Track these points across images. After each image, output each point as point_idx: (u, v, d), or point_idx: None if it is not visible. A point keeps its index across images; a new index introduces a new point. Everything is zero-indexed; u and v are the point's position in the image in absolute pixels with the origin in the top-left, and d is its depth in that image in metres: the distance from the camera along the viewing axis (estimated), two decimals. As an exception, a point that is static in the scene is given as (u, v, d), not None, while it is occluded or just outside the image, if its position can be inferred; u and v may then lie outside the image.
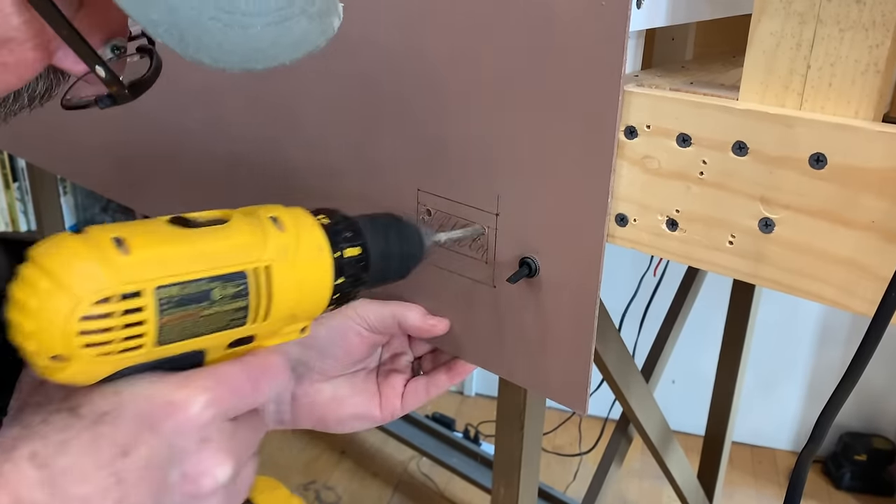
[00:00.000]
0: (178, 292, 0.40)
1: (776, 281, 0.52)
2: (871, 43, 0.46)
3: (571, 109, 0.53)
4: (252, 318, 0.43)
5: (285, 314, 0.45)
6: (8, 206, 2.22)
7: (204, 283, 0.40)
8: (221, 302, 0.41)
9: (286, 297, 0.44)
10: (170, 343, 0.40)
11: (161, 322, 0.39)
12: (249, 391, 0.44)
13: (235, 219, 0.44)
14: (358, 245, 0.49)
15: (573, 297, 0.57)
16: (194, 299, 0.40)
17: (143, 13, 0.35)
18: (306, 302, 0.46)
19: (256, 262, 0.43)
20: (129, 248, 0.39)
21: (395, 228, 0.52)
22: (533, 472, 0.90)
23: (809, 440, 0.49)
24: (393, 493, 1.94)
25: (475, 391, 2.34)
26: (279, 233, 0.44)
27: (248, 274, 0.42)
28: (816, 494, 1.95)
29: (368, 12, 0.62)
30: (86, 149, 0.99)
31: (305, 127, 0.71)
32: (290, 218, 0.46)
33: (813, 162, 0.48)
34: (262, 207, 0.46)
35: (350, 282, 0.48)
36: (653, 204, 0.55)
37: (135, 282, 0.38)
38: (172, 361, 0.42)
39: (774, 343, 1.97)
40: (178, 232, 0.41)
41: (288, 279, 0.44)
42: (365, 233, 0.50)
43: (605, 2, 0.49)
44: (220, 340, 0.43)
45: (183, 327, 0.40)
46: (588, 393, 0.59)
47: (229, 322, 0.42)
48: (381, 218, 0.52)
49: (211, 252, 0.41)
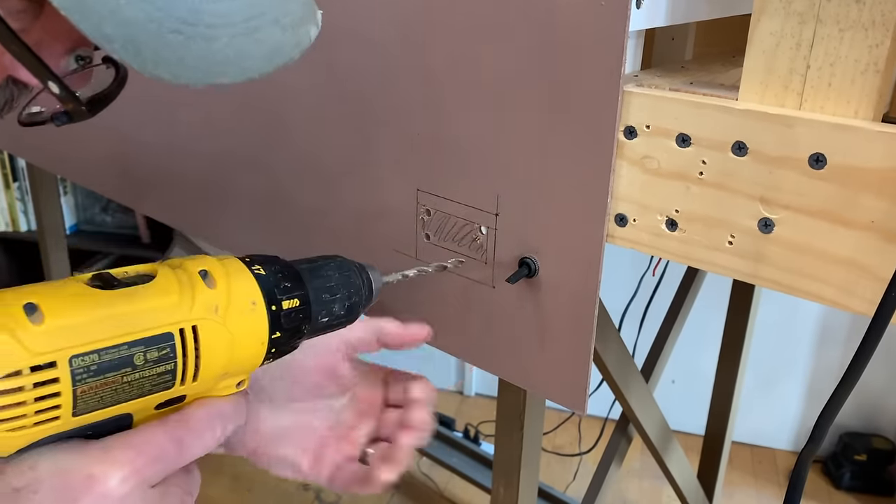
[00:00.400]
0: (95, 360, 0.37)
1: (776, 281, 0.52)
2: (871, 43, 0.46)
3: (571, 109, 0.53)
4: (179, 379, 0.41)
5: (216, 373, 0.43)
6: (8, 206, 2.22)
7: (124, 348, 0.38)
8: (144, 367, 0.39)
9: (216, 355, 0.42)
10: (90, 412, 0.38)
11: (77, 392, 0.37)
12: (174, 453, 0.41)
13: (161, 275, 0.42)
14: (296, 296, 0.46)
15: (573, 297, 0.57)
16: (114, 366, 0.38)
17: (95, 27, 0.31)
18: (239, 359, 0.44)
19: (182, 323, 0.40)
20: (41, 315, 0.36)
21: (340, 273, 0.49)
22: (533, 471, 0.90)
23: (809, 440, 0.49)
24: (393, 493, 1.94)
25: (475, 391, 2.34)
26: (208, 289, 0.42)
27: (171, 337, 0.40)
28: (816, 494, 1.95)
29: (365, 10, 0.62)
30: (86, 149, 0.99)
31: (304, 128, 0.71)
32: (221, 271, 0.43)
33: (812, 162, 0.48)
34: (191, 260, 0.43)
35: (288, 334, 0.46)
36: (652, 204, 0.55)
37: (47, 353, 0.36)
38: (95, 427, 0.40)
39: (774, 343, 1.97)
40: (97, 294, 0.39)
41: (218, 338, 0.42)
42: (306, 282, 0.47)
43: (605, 2, 0.49)
44: (147, 403, 0.41)
45: (102, 396, 0.38)
46: (587, 393, 0.59)
47: (155, 386, 0.40)
48: (326, 264, 0.49)
49: (132, 314, 0.39)
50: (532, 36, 0.53)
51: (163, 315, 0.40)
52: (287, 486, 1.95)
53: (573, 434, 1.92)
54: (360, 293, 0.50)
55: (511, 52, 0.55)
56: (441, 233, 0.64)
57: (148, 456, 0.40)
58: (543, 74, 0.54)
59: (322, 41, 0.42)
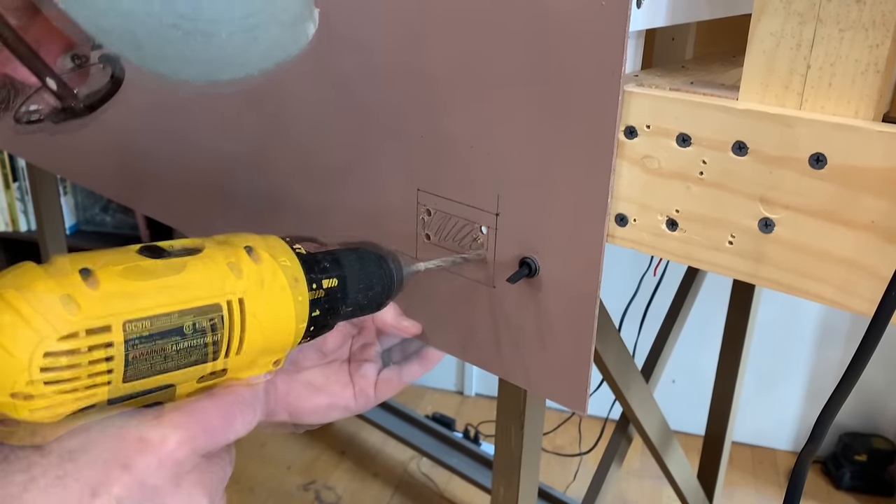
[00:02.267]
0: (147, 327, 0.38)
1: (776, 281, 0.52)
2: (871, 43, 0.46)
3: (571, 109, 0.53)
4: (224, 351, 0.42)
5: (258, 347, 0.44)
6: (8, 206, 2.22)
7: (175, 316, 0.39)
8: (194, 336, 0.40)
9: (260, 329, 0.43)
10: (138, 379, 0.39)
11: (129, 358, 0.38)
12: (222, 428, 0.42)
13: (209, 248, 0.42)
14: (335, 276, 0.47)
15: (573, 297, 0.57)
16: (164, 334, 0.39)
17: (93, 21, 0.32)
18: (281, 334, 0.45)
19: (230, 295, 0.41)
20: (96, 280, 0.37)
21: (374, 259, 0.51)
22: (533, 472, 0.90)
23: (809, 440, 0.49)
24: (393, 493, 1.94)
25: (475, 391, 2.34)
26: (253, 264, 0.43)
27: (220, 308, 0.41)
28: (816, 494, 1.95)
29: (365, 10, 0.62)
30: (86, 149, 0.99)
31: (304, 128, 0.71)
32: (265, 248, 0.44)
33: (813, 162, 0.48)
34: (236, 236, 0.44)
35: (325, 314, 0.47)
36: (653, 204, 0.55)
37: (102, 316, 0.36)
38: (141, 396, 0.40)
39: (774, 343, 1.97)
40: (150, 263, 0.40)
41: (261, 312, 0.43)
42: (343, 264, 0.48)
43: (605, 2, 0.49)
44: (191, 374, 0.41)
45: (153, 363, 0.39)
46: (588, 393, 0.59)
47: (201, 356, 0.41)
48: (360, 248, 0.51)
49: (182, 284, 0.40)
50: (532, 36, 0.53)
51: (211, 286, 0.41)
52: (287, 486, 1.95)
53: (573, 434, 1.92)
54: (392, 278, 0.52)
55: (511, 52, 0.55)
56: (441, 233, 0.64)
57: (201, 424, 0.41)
58: (544, 74, 0.54)
59: (322, 41, 0.42)
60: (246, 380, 0.45)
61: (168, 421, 0.40)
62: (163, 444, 0.39)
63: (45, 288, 0.36)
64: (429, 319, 0.65)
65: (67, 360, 0.36)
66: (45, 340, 0.35)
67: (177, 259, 0.41)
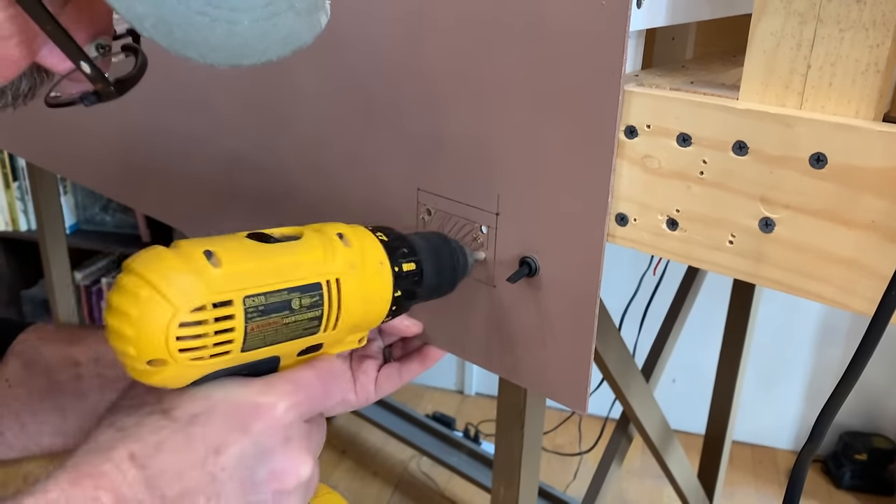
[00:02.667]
0: (263, 302, 0.42)
1: (776, 281, 0.52)
2: (872, 43, 0.46)
3: (572, 109, 0.53)
4: (324, 326, 0.46)
5: (351, 324, 0.48)
6: (8, 205, 2.22)
7: (285, 293, 0.44)
8: (299, 311, 0.44)
9: (353, 307, 0.48)
10: (253, 349, 0.43)
11: (248, 329, 0.42)
12: (321, 395, 0.47)
13: (307, 235, 0.47)
14: (413, 261, 0.52)
15: (573, 297, 0.57)
16: (277, 308, 0.43)
17: (128, 7, 0.34)
18: (370, 312, 0.50)
19: (328, 275, 0.46)
20: (219, 260, 0.41)
21: (444, 246, 0.56)
22: (533, 471, 0.90)
23: (809, 439, 0.49)
24: (393, 493, 1.94)
25: (475, 391, 2.34)
26: (346, 248, 0.48)
27: (321, 286, 0.45)
28: (817, 494, 1.95)
29: (365, 10, 0.62)
30: (86, 148, 0.99)
31: (304, 128, 0.71)
32: (353, 234, 0.49)
33: (813, 161, 0.48)
34: (328, 225, 0.49)
35: (406, 294, 0.52)
36: (653, 203, 0.55)
37: (226, 292, 0.41)
38: (251, 367, 0.44)
39: (774, 343, 1.97)
40: (260, 247, 0.44)
41: (355, 291, 0.47)
42: (419, 250, 0.53)
43: (605, 2, 0.49)
44: (294, 348, 0.46)
45: (266, 334, 0.43)
46: (588, 392, 0.59)
47: (304, 330, 0.45)
48: (431, 237, 0.56)
49: (290, 265, 0.44)
50: (533, 35, 0.53)
51: (313, 267, 0.46)
52: (287, 485, 1.95)
53: (573, 433, 1.92)
54: (459, 266, 0.57)
55: (512, 52, 0.55)
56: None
57: (305, 391, 0.46)
58: (544, 74, 0.54)
59: (325, 41, 0.43)
60: (336, 354, 0.50)
61: (277, 389, 0.45)
62: (273, 410, 0.44)
63: (177, 267, 0.40)
64: (429, 318, 0.65)
65: (198, 329, 0.40)
66: (180, 312, 0.39)
67: (283, 244, 0.46)
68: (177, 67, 0.80)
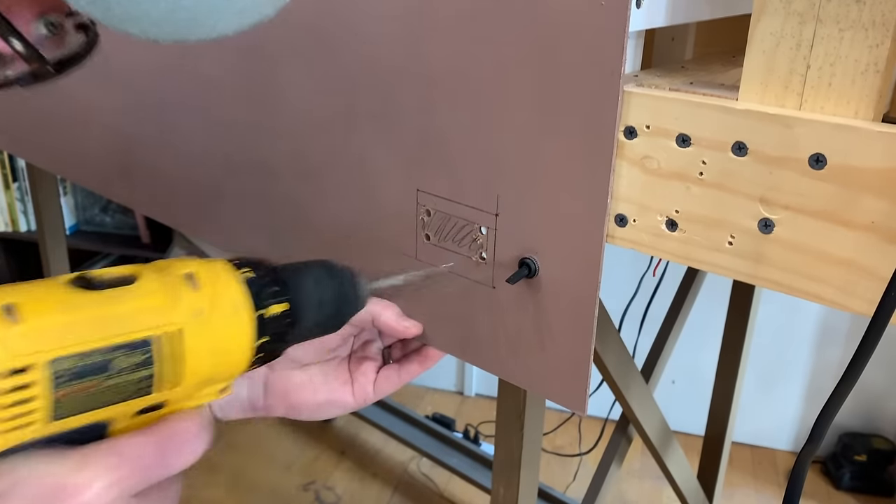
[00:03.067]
0: (75, 364, 0.36)
1: (776, 281, 0.52)
2: (871, 43, 0.46)
3: (571, 109, 0.53)
4: (159, 386, 0.40)
5: (200, 378, 0.42)
6: (8, 205, 2.22)
7: (105, 352, 0.37)
8: (124, 372, 0.38)
9: (200, 361, 0.41)
10: (68, 417, 0.37)
11: (56, 396, 0.36)
12: (157, 464, 0.40)
13: (144, 277, 0.41)
14: (284, 300, 0.45)
15: (573, 298, 0.57)
16: (93, 371, 0.37)
17: None
18: (223, 364, 0.43)
19: (165, 327, 0.39)
20: (19, 316, 0.35)
21: (329, 278, 0.49)
22: (533, 472, 0.90)
23: (808, 440, 0.49)
24: (393, 494, 1.94)
25: (475, 391, 2.34)
26: (192, 292, 0.41)
27: (153, 341, 0.39)
28: (816, 495, 1.95)
29: (364, 9, 0.62)
30: (86, 149, 0.99)
31: (302, 129, 0.71)
32: (207, 274, 0.42)
33: (813, 162, 0.48)
34: (176, 262, 0.42)
35: (275, 339, 0.45)
36: (652, 204, 0.55)
37: (25, 355, 0.35)
38: (71, 435, 0.38)
39: (774, 343, 1.97)
40: (78, 295, 0.38)
41: (202, 342, 0.41)
42: (293, 286, 0.46)
43: (605, 2, 0.49)
44: (126, 410, 0.40)
45: (82, 400, 0.37)
46: (588, 393, 0.59)
47: (135, 391, 0.39)
48: (314, 267, 0.49)
49: (113, 317, 0.38)
50: (532, 35, 0.53)
51: (144, 318, 0.39)
52: (287, 486, 1.95)
53: (573, 434, 1.92)
54: (348, 300, 0.50)
55: (511, 52, 0.55)
56: (441, 233, 0.64)
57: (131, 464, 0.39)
58: (543, 74, 0.54)
59: (322, 40, 0.42)
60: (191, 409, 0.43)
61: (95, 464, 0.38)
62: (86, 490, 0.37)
63: None
64: (429, 319, 0.65)
65: None
66: None
67: (108, 290, 0.39)
68: (177, 69, 0.80)
